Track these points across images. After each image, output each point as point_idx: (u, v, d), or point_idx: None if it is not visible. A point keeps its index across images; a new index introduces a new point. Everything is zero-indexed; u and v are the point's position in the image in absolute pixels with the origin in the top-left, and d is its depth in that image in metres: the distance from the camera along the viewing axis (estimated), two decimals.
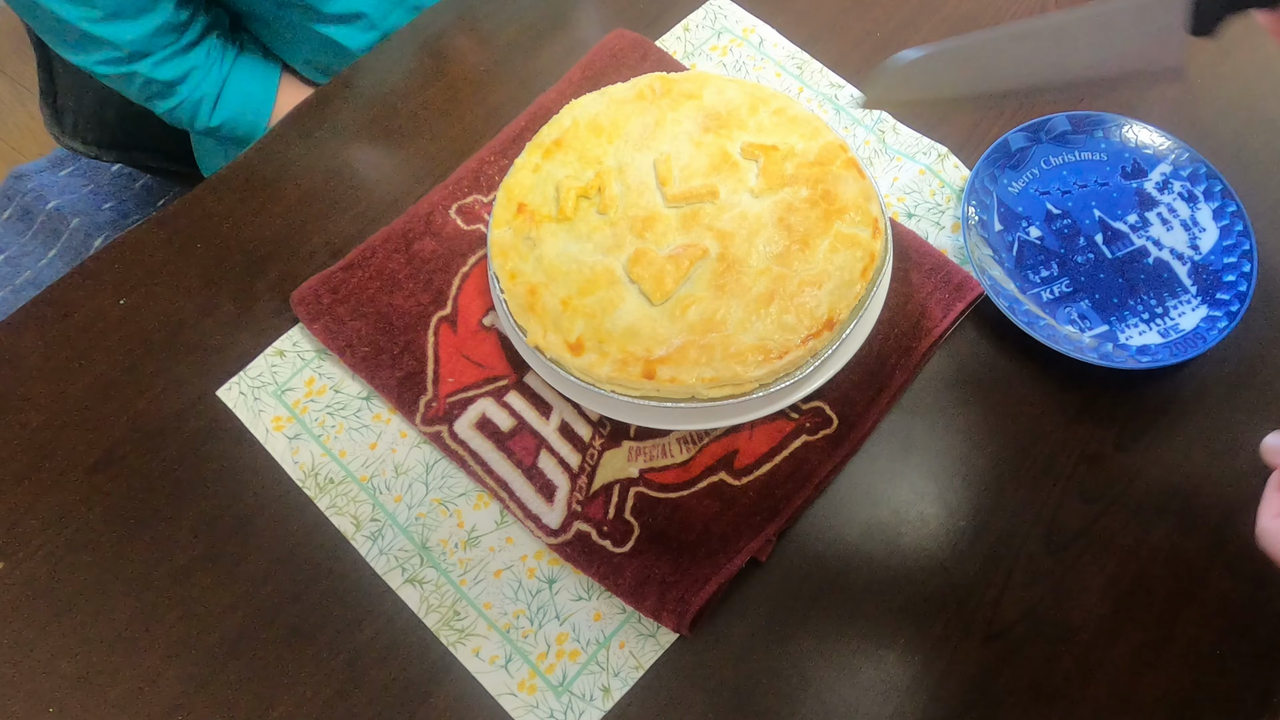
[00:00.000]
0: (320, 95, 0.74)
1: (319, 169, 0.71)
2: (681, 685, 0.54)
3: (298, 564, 0.58)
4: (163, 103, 0.81)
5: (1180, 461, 0.60)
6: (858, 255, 0.56)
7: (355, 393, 0.62)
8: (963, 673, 0.54)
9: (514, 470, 0.59)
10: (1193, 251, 0.65)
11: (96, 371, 0.63)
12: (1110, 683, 0.54)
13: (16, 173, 1.43)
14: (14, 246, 1.37)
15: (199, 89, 0.81)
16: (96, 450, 0.61)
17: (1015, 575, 0.56)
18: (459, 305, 0.64)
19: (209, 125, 0.83)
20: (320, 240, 0.68)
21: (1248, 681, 0.54)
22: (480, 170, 0.68)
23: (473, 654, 0.55)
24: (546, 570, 0.57)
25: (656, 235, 0.58)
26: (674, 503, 0.57)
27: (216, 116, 0.83)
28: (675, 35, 0.76)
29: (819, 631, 0.55)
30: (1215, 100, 0.72)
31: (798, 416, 0.60)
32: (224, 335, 0.65)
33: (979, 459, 0.60)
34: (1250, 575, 0.56)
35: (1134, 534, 0.58)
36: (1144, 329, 0.62)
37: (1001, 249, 0.65)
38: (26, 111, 1.66)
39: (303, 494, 0.59)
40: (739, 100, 0.63)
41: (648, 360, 0.54)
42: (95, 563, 0.58)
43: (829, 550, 0.57)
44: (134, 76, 0.79)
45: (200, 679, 0.55)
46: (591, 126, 0.62)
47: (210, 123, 0.83)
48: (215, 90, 0.81)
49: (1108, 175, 0.68)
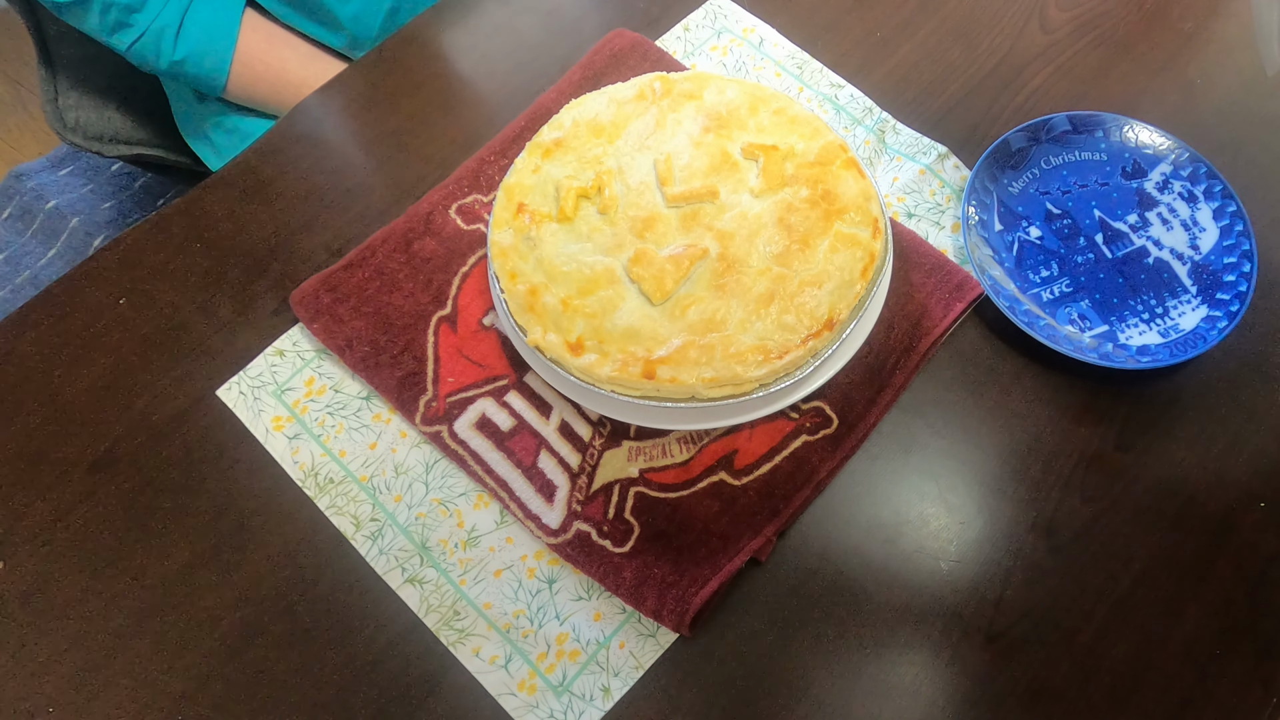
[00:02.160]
0: (320, 95, 0.74)
1: (319, 169, 0.71)
2: (681, 685, 0.54)
3: (298, 564, 0.58)
4: (125, 35, 0.79)
5: (1180, 461, 0.60)
6: (858, 255, 0.56)
7: (355, 392, 0.62)
8: (963, 673, 0.54)
9: (514, 470, 0.59)
10: (1193, 251, 0.65)
11: (96, 371, 0.63)
12: (1110, 683, 0.54)
13: (16, 172, 1.43)
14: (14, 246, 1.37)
15: (160, 18, 0.78)
16: (96, 450, 0.61)
17: (1015, 575, 0.57)
18: (459, 305, 0.64)
19: (173, 59, 0.80)
20: (320, 240, 0.68)
21: (1248, 681, 0.54)
22: (480, 170, 0.68)
23: (473, 654, 0.55)
24: (546, 570, 0.57)
25: (657, 235, 0.58)
26: (674, 503, 0.57)
27: (180, 48, 0.80)
28: (675, 35, 0.76)
29: (819, 631, 0.55)
30: (1215, 100, 0.72)
31: (798, 416, 0.60)
32: (224, 335, 0.65)
33: (979, 459, 0.60)
34: (1250, 575, 0.56)
35: (1134, 534, 0.58)
36: (1144, 329, 0.62)
37: (1002, 249, 0.65)
38: (26, 111, 1.66)
39: (302, 494, 0.59)
40: (739, 100, 0.63)
41: (648, 360, 0.54)
42: (95, 562, 0.58)
43: (829, 550, 0.57)
44: (92, 2, 0.76)
45: (200, 679, 0.55)
46: (591, 127, 0.62)
47: (174, 56, 0.80)
48: (176, 20, 0.79)
49: (1108, 175, 0.68)
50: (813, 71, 0.73)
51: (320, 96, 0.74)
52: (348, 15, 0.84)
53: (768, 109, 0.62)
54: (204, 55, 0.82)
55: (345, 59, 0.88)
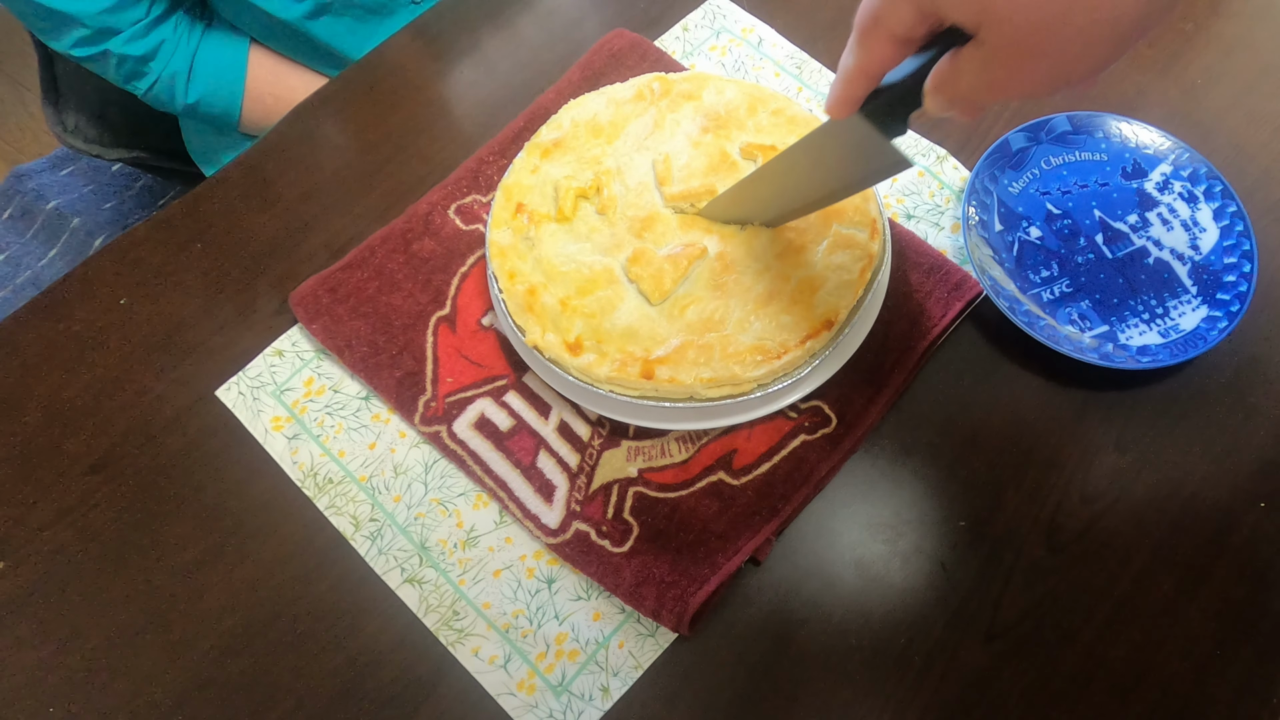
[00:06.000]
0: (320, 96, 0.74)
1: (319, 169, 0.71)
2: (681, 685, 0.54)
3: (297, 564, 0.58)
4: (141, 83, 0.83)
5: (1180, 461, 0.60)
6: (856, 256, 0.56)
7: (354, 393, 0.62)
8: (963, 673, 0.54)
9: (513, 470, 0.59)
10: (1193, 252, 0.65)
11: (96, 371, 0.63)
12: (1110, 683, 0.54)
13: (17, 172, 1.43)
14: (14, 246, 1.37)
15: (170, 64, 0.82)
16: (96, 450, 0.61)
17: (1015, 575, 0.56)
18: (458, 305, 0.64)
19: (187, 103, 0.85)
20: (320, 240, 0.68)
21: (1248, 681, 0.54)
22: (479, 170, 0.68)
23: (472, 654, 0.55)
24: (545, 570, 0.57)
25: (655, 235, 0.58)
26: (673, 502, 0.57)
27: (192, 92, 0.85)
28: (674, 35, 0.76)
29: (818, 631, 0.55)
30: (1215, 100, 0.72)
31: (796, 416, 0.60)
32: (223, 335, 0.65)
33: (979, 459, 0.60)
34: (1250, 575, 0.56)
35: (1134, 534, 0.58)
36: (1144, 329, 0.62)
37: (1002, 249, 0.65)
38: (26, 111, 1.67)
39: (302, 494, 0.59)
40: (738, 100, 0.62)
41: (646, 360, 0.54)
42: (95, 562, 0.58)
43: (828, 550, 0.57)
44: (108, 56, 0.80)
45: (200, 679, 0.55)
46: (590, 127, 0.62)
47: (187, 99, 0.85)
48: (186, 65, 0.83)
49: (1108, 175, 0.68)
50: (812, 71, 0.73)
51: (320, 97, 0.74)
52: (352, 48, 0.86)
53: (766, 109, 0.62)
54: (216, 95, 0.86)
55: None
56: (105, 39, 0.79)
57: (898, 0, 0.38)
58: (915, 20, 0.38)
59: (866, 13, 0.40)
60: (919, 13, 0.38)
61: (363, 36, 0.85)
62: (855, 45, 0.41)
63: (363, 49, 0.78)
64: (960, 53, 0.38)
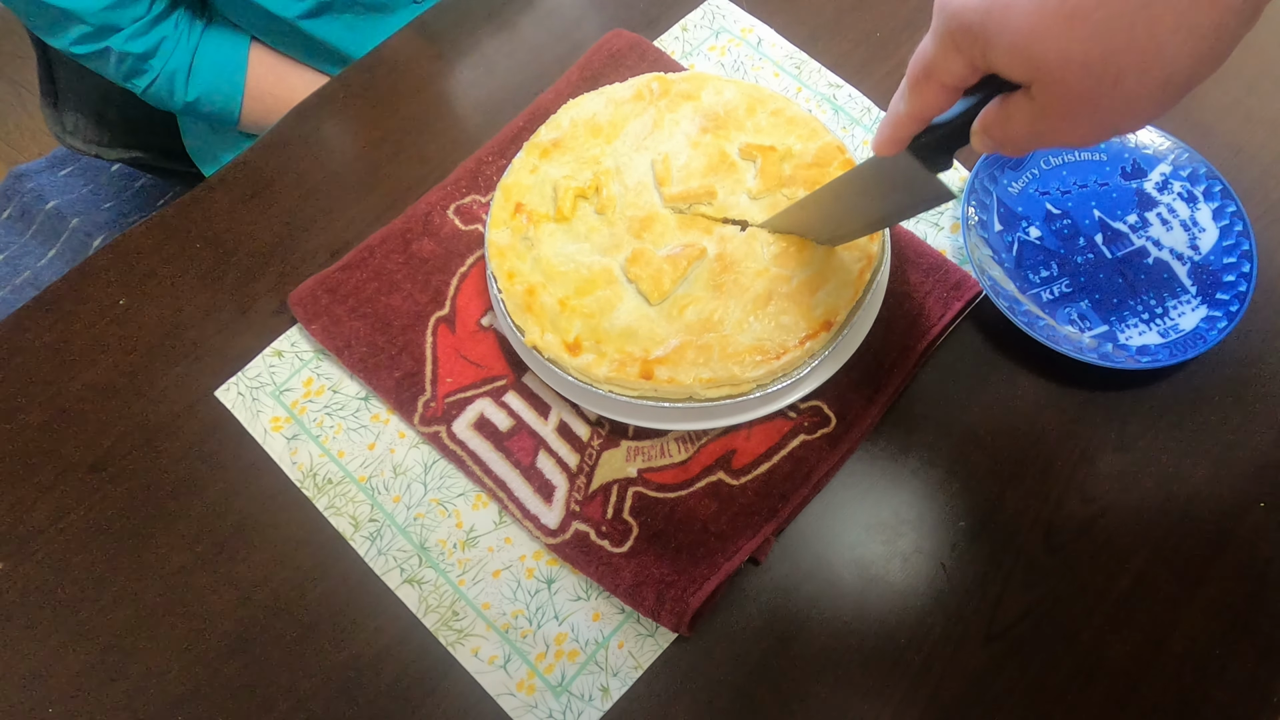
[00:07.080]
0: (320, 96, 0.74)
1: (319, 169, 0.71)
2: (680, 685, 0.54)
3: (296, 564, 0.58)
4: (140, 80, 0.83)
5: (1180, 461, 0.59)
6: (855, 257, 0.56)
7: (353, 393, 0.62)
8: (963, 673, 0.54)
9: (512, 470, 0.59)
10: (1192, 252, 0.65)
11: (96, 371, 0.63)
12: (1110, 683, 0.54)
13: (16, 172, 1.43)
14: (14, 246, 1.37)
15: (170, 62, 0.82)
16: (96, 450, 0.61)
17: (1015, 575, 0.56)
18: (457, 305, 0.64)
19: (186, 100, 0.85)
20: (319, 240, 0.68)
21: (1248, 681, 0.54)
22: (478, 170, 0.68)
23: (471, 654, 0.55)
24: (545, 570, 0.57)
25: (654, 235, 0.58)
26: (672, 502, 0.57)
27: (192, 89, 0.84)
28: (673, 35, 0.76)
29: (817, 631, 0.55)
30: (1215, 100, 0.72)
31: (796, 415, 0.60)
32: (223, 335, 0.65)
33: (979, 459, 0.60)
34: (1250, 575, 0.56)
35: (1134, 534, 0.58)
36: (1144, 329, 0.62)
37: (1001, 249, 0.65)
38: (26, 111, 1.67)
39: (301, 494, 0.59)
40: (737, 101, 0.62)
41: (645, 360, 0.54)
42: (95, 563, 0.58)
43: (827, 550, 0.57)
44: (108, 53, 0.80)
45: (200, 679, 0.55)
46: (590, 127, 0.62)
47: (187, 97, 0.85)
48: (186, 62, 0.83)
49: (1107, 175, 0.68)
50: (811, 71, 0.73)
51: (320, 98, 0.74)
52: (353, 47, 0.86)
53: (765, 109, 0.62)
54: (216, 93, 0.86)
55: None
56: (106, 36, 0.79)
57: (950, 54, 0.39)
58: (967, 73, 0.39)
59: (919, 64, 0.41)
60: (971, 67, 0.39)
61: (363, 35, 0.85)
62: (907, 92, 0.42)
63: (363, 48, 0.78)
64: (1010, 100, 0.39)
